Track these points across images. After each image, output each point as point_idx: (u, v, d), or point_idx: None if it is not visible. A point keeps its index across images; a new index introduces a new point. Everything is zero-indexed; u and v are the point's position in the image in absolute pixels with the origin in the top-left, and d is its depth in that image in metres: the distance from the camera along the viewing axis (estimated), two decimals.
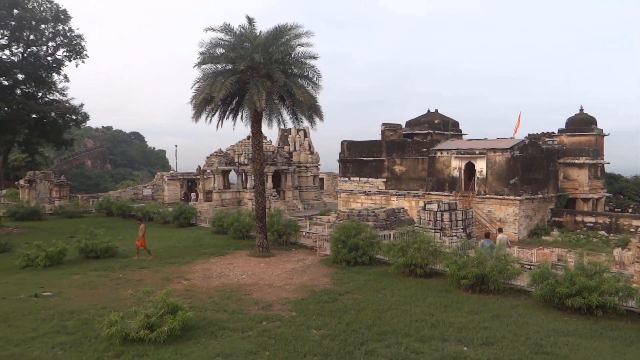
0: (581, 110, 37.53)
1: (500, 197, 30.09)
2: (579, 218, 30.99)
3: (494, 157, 30.70)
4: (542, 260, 17.79)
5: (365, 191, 38.73)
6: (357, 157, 39.77)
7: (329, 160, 50.21)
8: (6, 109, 30.07)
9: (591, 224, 30.15)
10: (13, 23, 30.80)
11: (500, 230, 20.59)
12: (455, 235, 24.42)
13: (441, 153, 33.54)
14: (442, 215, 25.13)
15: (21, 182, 46.38)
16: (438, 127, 40.49)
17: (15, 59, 32.15)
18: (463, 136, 40.88)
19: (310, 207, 45.63)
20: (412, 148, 36.57)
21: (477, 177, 31.36)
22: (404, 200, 35.71)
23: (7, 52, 32.04)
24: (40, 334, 10.94)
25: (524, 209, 29.86)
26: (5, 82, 32.50)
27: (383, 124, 40.25)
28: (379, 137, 39.98)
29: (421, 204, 28.25)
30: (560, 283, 12.99)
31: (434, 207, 25.49)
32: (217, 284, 16.25)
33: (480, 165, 31.21)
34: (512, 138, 32.67)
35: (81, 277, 17.21)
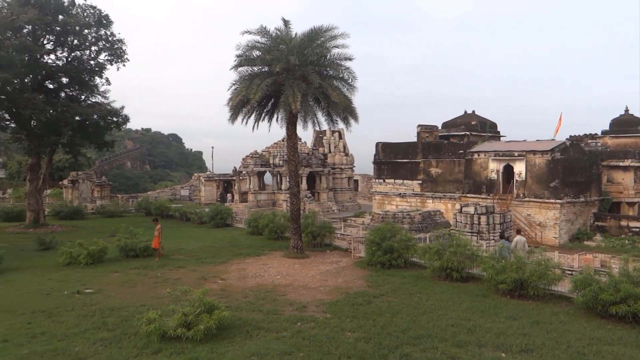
0: (626, 111, 36.24)
1: (540, 200, 29.33)
2: (623, 223, 29.89)
3: (534, 159, 29.95)
4: (585, 265, 17.22)
5: (400, 193, 38.41)
6: (392, 159, 39.48)
7: (364, 162, 50.09)
8: (51, 111, 31.08)
9: (637, 229, 29.03)
10: (58, 29, 31.88)
11: (518, 232, 20.45)
12: (493, 239, 23.93)
13: (478, 155, 32.95)
14: (479, 218, 24.68)
15: (65, 182, 48.04)
16: (475, 128, 39.83)
17: (60, 63, 33.26)
18: (501, 138, 40.08)
19: (344, 209, 45.56)
20: (449, 150, 36.05)
21: (516, 180, 30.67)
22: (440, 203, 35.23)
23: (52, 56, 33.21)
24: (82, 329, 11.26)
25: (565, 213, 29.02)
26: (51, 86, 33.69)
27: (419, 126, 39.87)
28: (414, 139, 39.61)
29: (457, 206, 27.81)
30: (604, 290, 12.53)
31: (471, 210, 25.05)
32: (252, 284, 16.40)
33: (519, 168, 30.50)
34: (552, 140, 31.81)
35: (121, 275, 17.65)
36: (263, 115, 23.58)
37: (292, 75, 21.26)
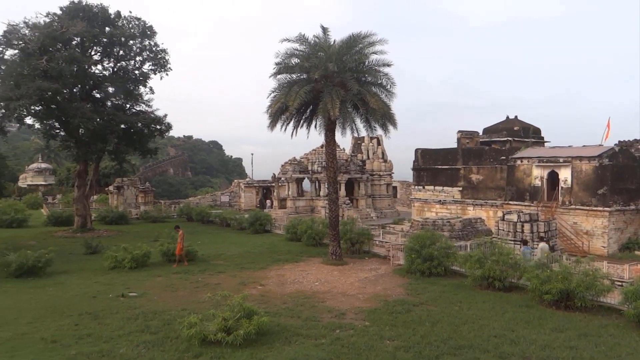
0: None
1: (587, 208, 28.29)
2: None
3: (580, 165, 28.96)
4: (636, 276, 16.48)
5: (440, 200, 37.84)
6: (432, 166, 38.97)
7: (403, 169, 49.62)
8: (98, 120, 32.20)
9: None
10: (105, 40, 33.05)
11: (541, 239, 20.48)
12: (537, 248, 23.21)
13: (521, 161, 32.13)
14: (522, 226, 24.00)
15: (110, 188, 49.58)
16: (518, 134, 38.87)
17: (106, 73, 34.47)
18: (545, 144, 38.95)
19: (383, 215, 45.23)
20: (490, 156, 35.30)
21: (561, 187, 29.72)
22: (481, 210, 34.49)
23: (99, 67, 34.46)
24: (126, 332, 11.56)
25: (614, 221, 27.88)
26: (98, 95, 34.93)
27: (459, 132, 39.22)
28: (454, 145, 38.98)
29: (499, 214, 27.15)
30: None
31: (514, 217, 24.40)
32: (290, 290, 16.46)
33: (565, 174, 29.55)
34: (600, 145, 30.67)
35: (163, 280, 18.04)
36: (302, 122, 23.72)
37: (330, 82, 21.32)
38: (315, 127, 23.55)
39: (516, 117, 40.75)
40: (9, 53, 31.15)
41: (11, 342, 10.83)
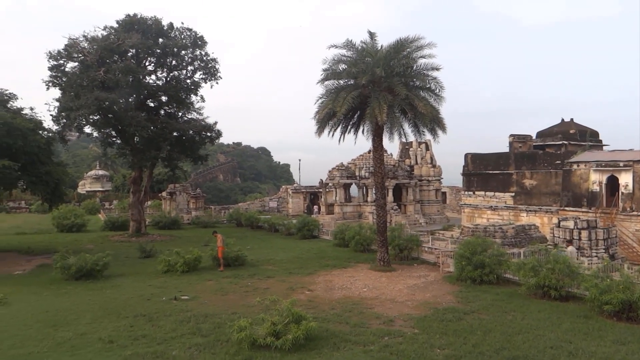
0: None
1: None
2: None
3: None
4: None
5: (491, 206, 36.89)
6: (483, 171, 38.07)
7: (452, 174, 48.76)
8: (152, 128, 33.35)
9: None
10: (158, 51, 34.24)
11: (569, 242, 20.07)
12: (596, 256, 22.22)
13: (578, 165, 30.90)
14: (579, 233, 23.05)
15: (164, 194, 51.19)
16: (574, 137, 37.44)
17: (159, 82, 35.66)
18: (603, 147, 37.33)
19: (432, 221, 44.53)
20: (544, 160, 34.14)
21: (622, 192, 28.36)
22: (535, 217, 33.37)
23: (153, 77, 35.70)
24: (178, 334, 11.85)
25: None
26: (152, 104, 36.17)
27: (511, 135, 38.18)
28: (506, 149, 37.94)
29: (555, 220, 26.19)
30: None
31: (570, 224, 23.46)
32: (339, 296, 16.43)
33: (626, 179, 28.19)
34: None
35: (214, 284, 18.40)
36: (349, 127, 23.69)
37: (378, 87, 21.23)
38: (363, 132, 23.47)
39: (572, 119, 39.31)
40: (70, 65, 32.82)
41: (72, 341, 11.31)
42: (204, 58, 35.80)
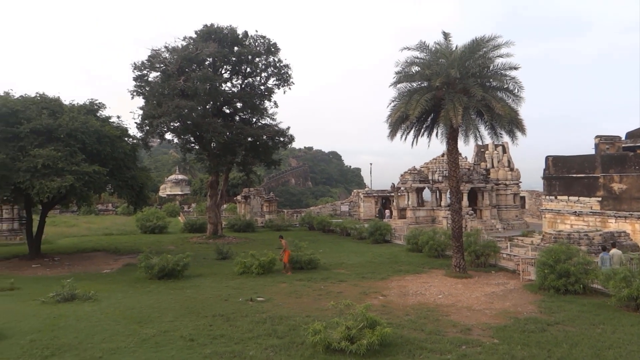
0: None
1: None
2: None
3: None
4: None
5: (575, 211, 34.83)
6: (565, 174, 36.05)
7: (531, 177, 46.61)
8: (228, 134, 34.49)
9: None
10: (234, 59, 35.40)
11: (613, 245, 19.41)
12: None
13: None
14: None
15: (238, 197, 52.71)
16: None
17: (235, 90, 36.84)
18: None
19: (510, 227, 42.74)
20: (636, 163, 31.78)
21: None
22: (625, 223, 31.13)
23: (229, 84, 36.94)
24: (255, 335, 12.09)
25: None
26: (227, 111, 37.42)
27: (597, 137, 35.90)
28: (591, 152, 35.72)
29: None
30: None
31: None
32: (413, 302, 16.13)
33: None
34: None
35: (288, 286, 18.65)
36: (422, 130, 23.32)
37: (452, 89, 20.74)
38: (437, 135, 23.05)
39: None
40: (152, 75, 34.66)
41: (155, 338, 11.85)
42: (277, 64, 36.60)
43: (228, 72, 36.61)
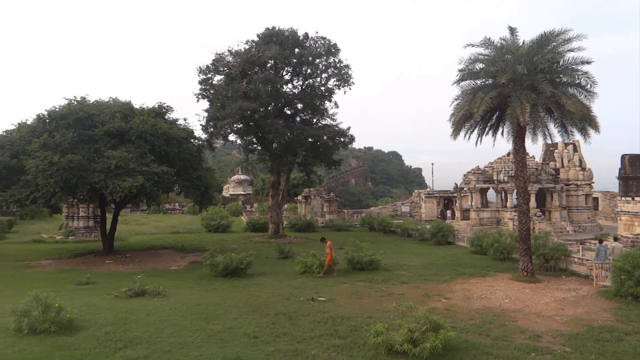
0: None
1: None
2: None
3: None
4: None
5: None
6: None
7: (605, 178, 44.17)
8: (289, 134, 34.93)
9: None
10: (295, 60, 35.79)
11: (615, 239, 19.18)
12: None
13: None
14: None
15: (299, 197, 53.29)
16: None
17: (295, 91, 37.26)
18: None
19: (581, 229, 40.71)
20: None
21: None
22: None
23: (289, 85, 37.40)
24: (317, 334, 12.15)
25: None
26: (288, 112, 37.90)
27: None
28: None
29: None
30: None
31: None
32: (477, 306, 15.67)
33: None
34: None
35: (349, 287, 18.62)
36: (487, 129, 22.63)
37: (519, 86, 19.99)
38: (502, 134, 22.26)
39: None
40: (217, 78, 35.66)
41: (220, 334, 12.17)
42: (338, 65, 36.66)
43: (289, 73, 37.06)
